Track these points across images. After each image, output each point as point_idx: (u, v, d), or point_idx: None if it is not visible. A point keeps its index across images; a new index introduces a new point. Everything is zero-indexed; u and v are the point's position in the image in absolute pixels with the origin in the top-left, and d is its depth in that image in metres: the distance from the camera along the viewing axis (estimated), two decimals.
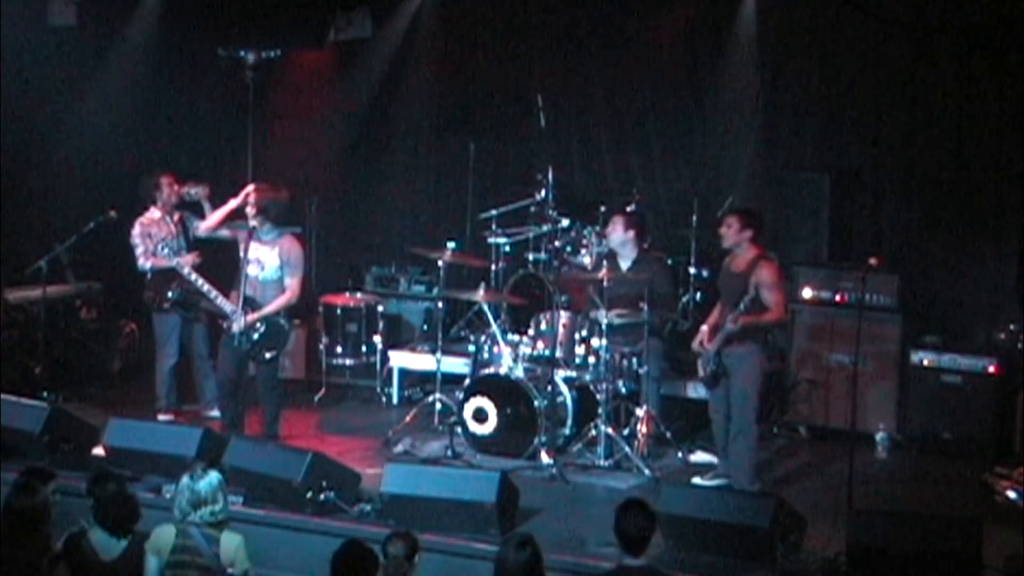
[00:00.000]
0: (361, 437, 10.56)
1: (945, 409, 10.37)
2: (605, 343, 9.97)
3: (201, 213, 10.61)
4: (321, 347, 11.74)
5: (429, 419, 10.65)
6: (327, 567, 6.34)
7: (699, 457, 10.03)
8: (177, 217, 10.81)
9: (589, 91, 12.39)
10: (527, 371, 10.18)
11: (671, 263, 11.15)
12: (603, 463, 9.79)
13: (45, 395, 10.73)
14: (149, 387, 10.93)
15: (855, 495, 8.48)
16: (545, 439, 9.89)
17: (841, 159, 11.51)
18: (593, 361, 10.23)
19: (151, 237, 10.59)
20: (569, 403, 10.14)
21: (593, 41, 12.32)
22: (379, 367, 11.71)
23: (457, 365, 10.98)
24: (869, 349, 10.10)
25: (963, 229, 11.11)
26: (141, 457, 9.10)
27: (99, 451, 9.39)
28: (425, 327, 12.05)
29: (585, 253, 11.02)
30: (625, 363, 10.16)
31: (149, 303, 10.78)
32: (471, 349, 10.78)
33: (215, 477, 6.81)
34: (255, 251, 10.00)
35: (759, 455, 9.56)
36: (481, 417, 10.08)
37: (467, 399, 10.13)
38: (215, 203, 10.49)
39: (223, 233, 10.26)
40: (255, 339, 9.98)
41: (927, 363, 10.44)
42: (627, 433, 10.00)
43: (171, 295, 10.59)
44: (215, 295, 10.10)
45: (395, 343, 11.90)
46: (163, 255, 10.39)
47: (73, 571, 6.70)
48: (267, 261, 10.02)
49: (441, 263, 10.74)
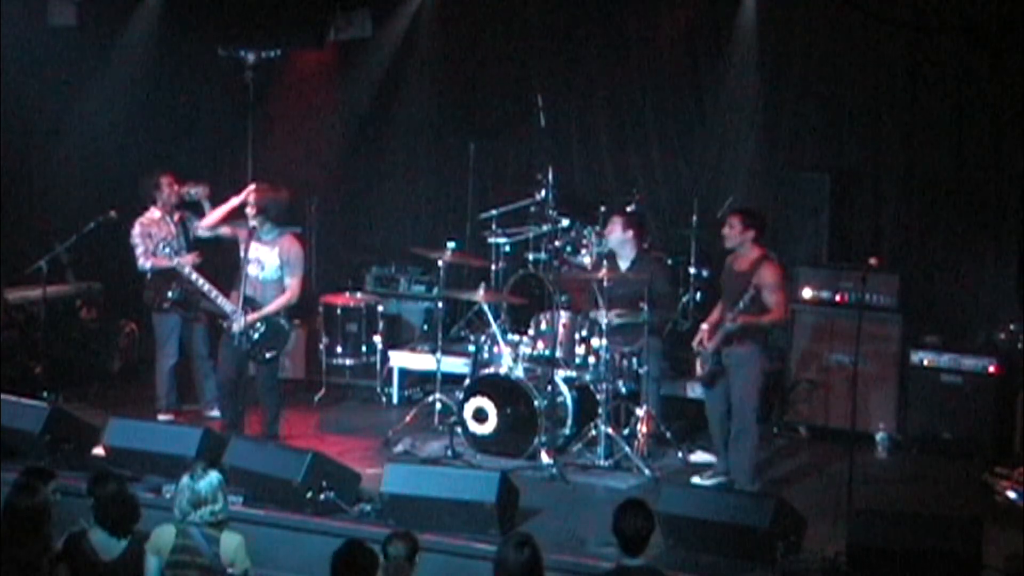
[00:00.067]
0: (361, 437, 10.56)
1: (945, 409, 10.37)
2: (605, 343, 9.98)
3: (201, 213, 10.60)
4: (321, 347, 11.74)
5: (429, 419, 10.65)
6: (327, 567, 6.33)
7: (699, 457, 10.03)
8: (177, 217, 10.81)
9: (589, 91, 12.38)
10: (527, 371, 10.18)
11: (671, 263, 11.16)
12: (603, 463, 9.79)
13: (45, 395, 10.73)
14: (149, 387, 10.94)
15: (855, 495, 8.47)
16: (545, 439, 9.89)
17: (841, 159, 11.51)
18: (593, 361, 10.23)
19: (151, 237, 10.59)
20: (569, 403, 10.14)
21: (593, 41, 12.31)
22: (379, 367, 11.71)
23: (457, 365, 10.99)
24: (869, 349, 10.09)
25: (963, 229, 11.11)
26: (141, 457, 9.11)
27: (99, 451, 9.39)
28: (425, 327, 12.06)
29: (585, 253, 11.02)
30: (625, 363, 10.17)
31: (149, 303, 10.79)
32: (471, 349, 10.79)
33: (215, 477, 6.81)
34: (255, 251, 10.00)
35: (759, 455, 9.56)
36: (481, 417, 10.08)
37: (467, 399, 10.13)
38: (215, 203, 10.48)
39: (223, 231, 10.24)
40: (255, 339, 9.98)
41: (927, 363, 10.44)
42: (627, 433, 10.00)
43: (171, 295, 10.60)
44: (215, 295, 10.10)
45: (395, 343, 11.90)
46: (164, 254, 10.39)
47: (73, 571, 6.71)
48: (267, 261, 10.01)
49: (441, 263, 10.73)
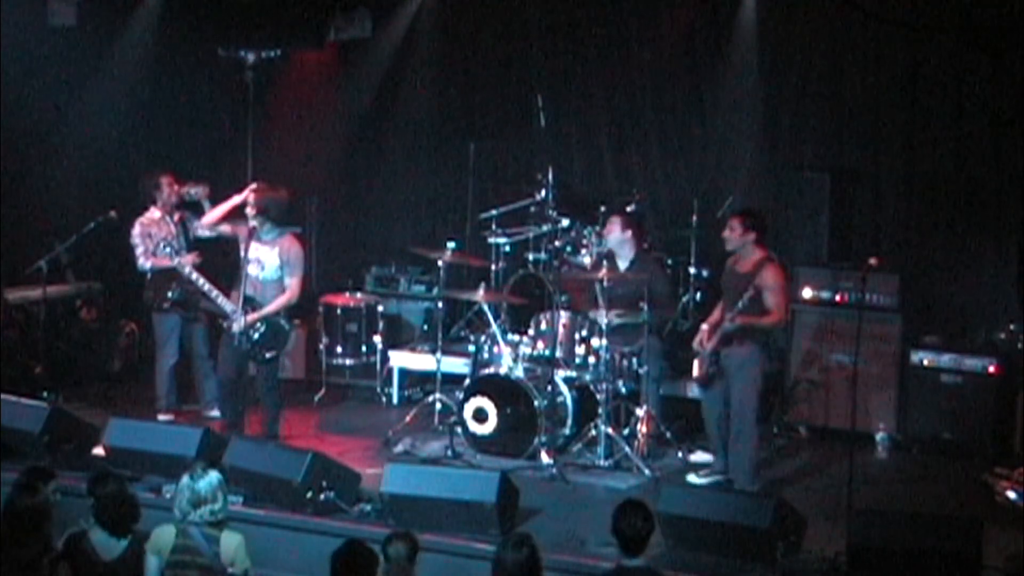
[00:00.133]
0: (361, 437, 10.56)
1: (945, 409, 10.37)
2: (605, 343, 9.97)
3: (201, 213, 10.59)
4: (321, 347, 11.74)
5: (429, 419, 10.64)
6: (327, 567, 6.34)
7: (699, 457, 10.02)
8: (177, 217, 10.81)
9: (589, 91, 12.38)
10: (527, 371, 10.18)
11: (671, 263, 11.16)
12: (603, 463, 9.78)
13: (45, 395, 10.72)
14: (149, 387, 10.94)
15: (855, 495, 8.46)
16: (545, 439, 9.89)
17: (841, 159, 11.50)
18: (593, 361, 10.23)
19: (151, 237, 10.59)
20: (569, 403, 10.14)
21: (593, 41, 12.30)
22: (379, 367, 11.70)
23: (457, 365, 10.98)
24: (869, 349, 10.10)
25: (963, 229, 11.11)
26: (141, 457, 9.10)
27: (99, 451, 9.39)
28: (425, 327, 12.05)
29: (585, 253, 11.01)
30: (625, 363, 10.17)
31: (149, 303, 10.79)
32: (471, 349, 10.78)
33: (215, 476, 6.81)
34: (255, 251, 9.99)
35: (759, 455, 9.56)
36: (481, 417, 10.08)
37: (467, 399, 10.13)
38: (215, 203, 10.47)
39: (223, 229, 10.23)
40: (255, 339, 9.97)
41: (927, 363, 10.44)
42: (627, 433, 10.00)
43: (171, 295, 10.60)
44: (216, 294, 10.09)
45: (395, 343, 11.89)
46: (164, 254, 10.39)
47: (74, 571, 6.71)
48: (267, 261, 10.01)
49: (441, 263, 10.73)
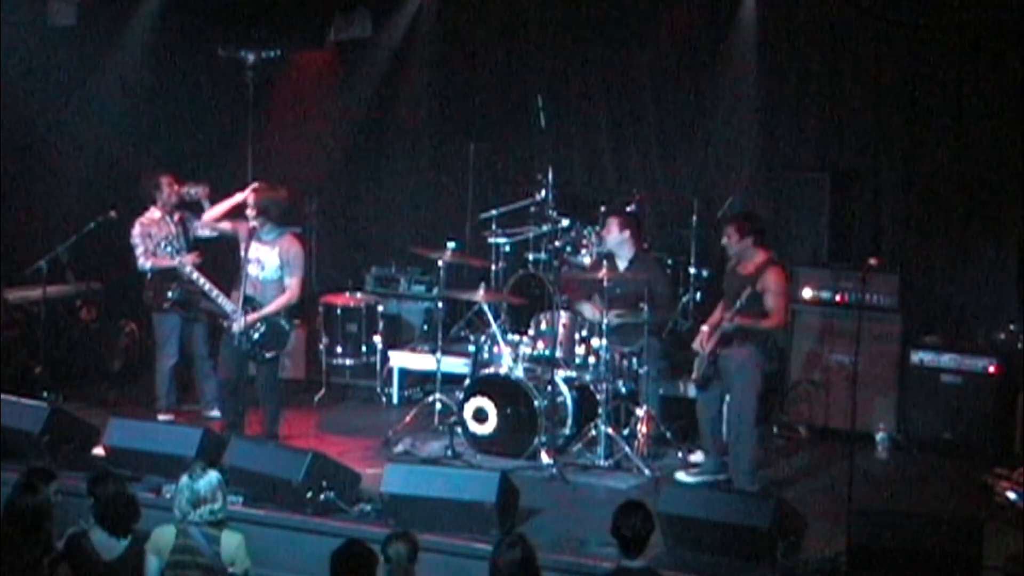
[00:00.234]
0: (361, 437, 10.56)
1: (945, 409, 10.37)
2: (605, 343, 9.97)
3: (201, 213, 10.60)
4: (321, 347, 11.74)
5: (429, 419, 10.64)
6: (327, 567, 6.34)
7: (699, 457, 9.99)
8: (177, 217, 10.81)
9: (589, 91, 12.38)
10: (527, 371, 10.18)
11: (671, 263, 11.16)
12: (603, 463, 9.78)
13: (45, 395, 10.72)
14: (149, 387, 10.94)
15: (855, 495, 8.46)
16: (545, 439, 9.89)
17: (841, 159, 11.50)
18: (593, 361, 10.23)
19: (151, 237, 10.59)
20: (569, 403, 10.14)
21: (593, 41, 12.30)
22: (379, 367, 11.71)
23: (457, 365, 10.98)
24: (869, 349, 10.09)
25: (963, 229, 11.11)
26: (141, 457, 9.10)
27: (99, 451, 9.39)
28: (425, 327, 12.05)
29: (585, 253, 11.00)
30: (625, 363, 10.17)
31: (149, 303, 10.79)
32: (471, 349, 10.78)
33: (214, 476, 6.81)
34: (255, 251, 9.99)
35: (759, 455, 9.56)
36: (481, 417, 10.08)
37: (467, 399, 10.13)
38: (215, 203, 10.47)
39: (224, 226, 10.22)
40: (255, 339, 9.97)
41: (927, 363, 10.45)
42: (627, 433, 10.00)
43: (171, 295, 10.60)
44: (216, 294, 10.08)
45: (395, 343, 11.89)
46: (165, 253, 10.39)
47: (74, 571, 6.71)
48: (267, 261, 10.00)
49: (441, 263, 10.73)
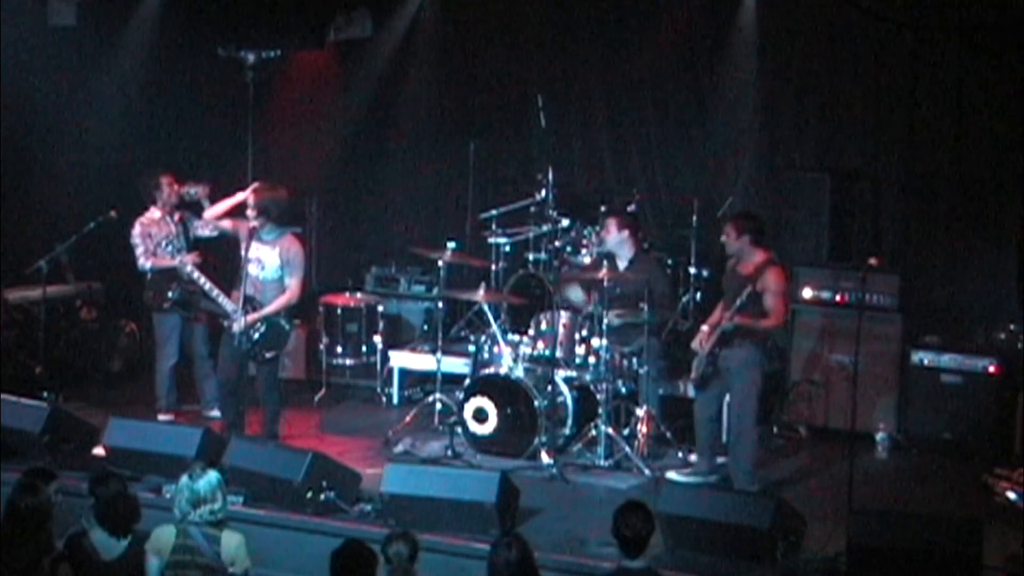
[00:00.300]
0: (361, 437, 10.56)
1: (945, 409, 10.37)
2: (605, 343, 9.97)
3: (201, 213, 10.60)
4: (321, 347, 11.74)
5: (429, 419, 10.64)
6: (327, 567, 6.34)
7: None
8: (177, 217, 10.80)
9: (589, 91, 12.38)
10: (527, 371, 10.18)
11: (671, 263, 11.16)
12: (603, 463, 9.78)
13: (45, 395, 10.72)
14: (149, 387, 10.93)
15: (855, 495, 8.47)
16: (545, 439, 9.89)
17: (841, 159, 11.51)
18: (593, 361, 10.22)
19: (151, 237, 10.59)
20: (569, 403, 10.13)
21: (593, 41, 12.31)
22: (379, 367, 11.70)
23: (457, 365, 10.98)
24: (869, 349, 10.09)
25: (963, 229, 11.12)
26: (141, 457, 9.10)
27: (99, 451, 9.39)
28: (425, 327, 12.05)
29: (585, 253, 11.01)
30: (625, 363, 10.17)
31: (149, 303, 10.79)
32: (471, 349, 10.78)
33: (214, 476, 6.81)
34: (256, 251, 9.98)
35: (759, 455, 9.56)
36: (481, 417, 10.08)
37: (467, 399, 10.13)
38: (215, 203, 10.45)
39: (224, 225, 10.20)
40: (255, 339, 9.96)
41: (927, 363, 10.45)
42: (627, 433, 10.00)
43: (171, 295, 10.59)
44: (216, 293, 10.08)
45: (395, 343, 11.89)
46: (166, 253, 10.39)
47: (74, 571, 6.71)
48: (268, 261, 10.00)
49: (441, 263, 10.72)
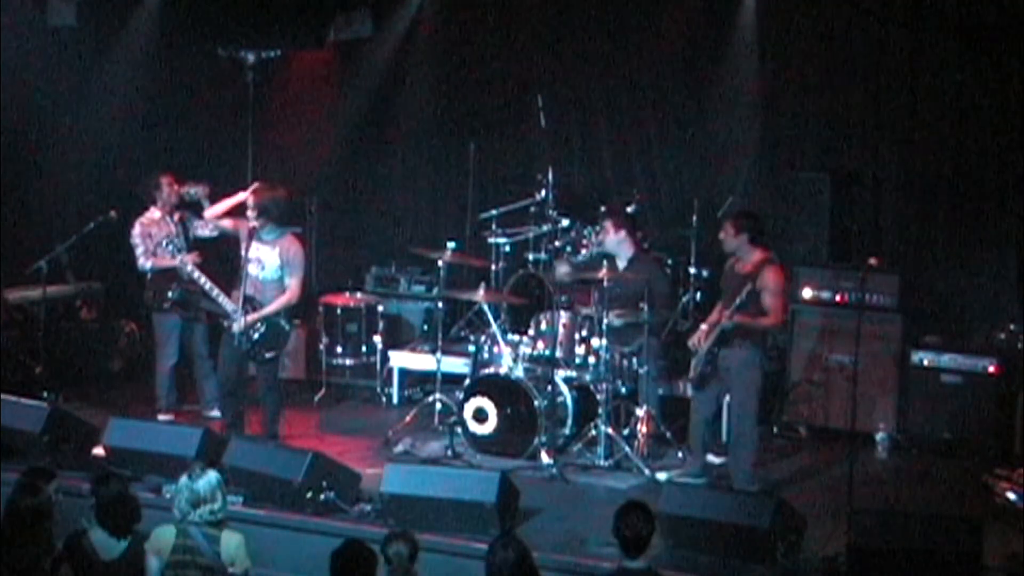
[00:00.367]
0: (361, 437, 10.56)
1: (945, 409, 10.37)
2: (605, 343, 9.97)
3: (201, 213, 10.60)
4: (321, 347, 11.73)
5: (429, 419, 10.64)
6: (327, 567, 6.34)
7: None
8: (177, 217, 10.80)
9: (589, 91, 12.38)
10: (527, 371, 10.18)
11: (671, 263, 11.16)
12: (603, 463, 9.78)
13: (45, 395, 10.72)
14: (149, 387, 10.93)
15: (855, 495, 8.47)
16: (545, 439, 9.89)
17: (841, 159, 11.51)
18: (593, 361, 10.22)
19: (151, 237, 10.59)
20: (569, 403, 10.13)
21: (593, 40, 12.31)
22: (379, 367, 11.70)
23: (457, 365, 10.98)
24: (869, 349, 10.10)
25: (963, 229, 11.12)
26: (141, 457, 9.11)
27: (99, 451, 9.39)
28: (425, 327, 12.05)
29: (585, 253, 11.01)
30: (624, 363, 10.16)
31: (149, 303, 10.79)
32: (471, 349, 10.78)
33: (214, 476, 6.81)
34: (256, 251, 9.98)
35: (759, 455, 9.57)
36: (481, 417, 10.08)
37: (467, 399, 10.13)
38: (215, 203, 10.46)
39: (225, 224, 10.20)
40: (255, 339, 9.97)
41: (927, 363, 10.45)
42: (627, 433, 10.00)
43: (171, 295, 10.59)
44: (217, 293, 10.08)
45: (395, 343, 11.88)
46: (167, 252, 10.39)
47: (74, 571, 6.71)
48: (268, 261, 10.00)
49: (441, 263, 10.73)
